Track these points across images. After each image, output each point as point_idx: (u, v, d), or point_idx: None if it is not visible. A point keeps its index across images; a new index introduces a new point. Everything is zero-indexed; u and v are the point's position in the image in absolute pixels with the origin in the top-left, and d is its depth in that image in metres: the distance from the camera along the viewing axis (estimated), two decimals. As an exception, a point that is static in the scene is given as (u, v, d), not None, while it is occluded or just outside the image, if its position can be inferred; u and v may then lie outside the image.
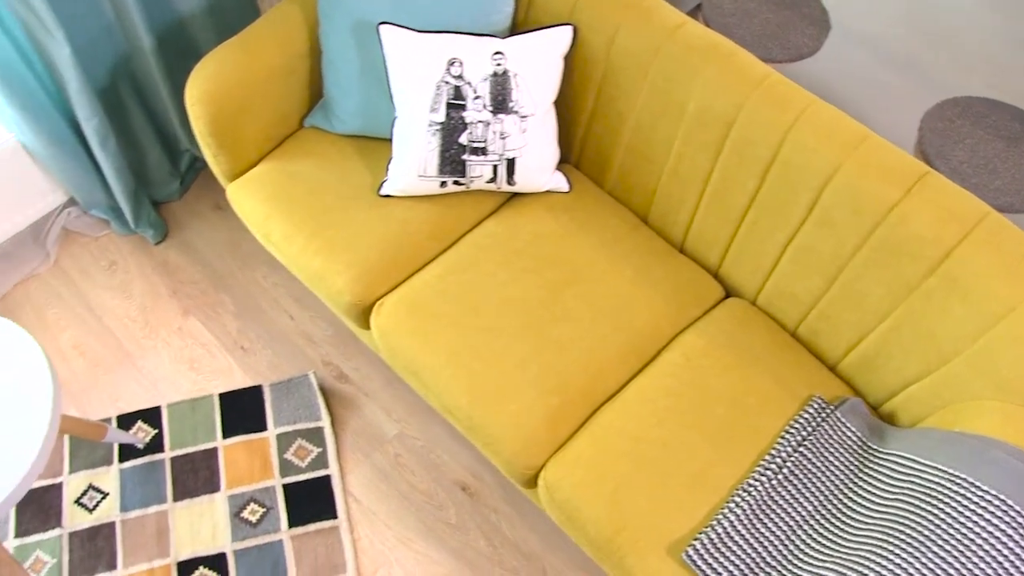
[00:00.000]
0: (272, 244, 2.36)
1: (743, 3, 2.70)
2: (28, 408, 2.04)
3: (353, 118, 2.40)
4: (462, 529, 2.47)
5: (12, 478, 1.98)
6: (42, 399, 2.05)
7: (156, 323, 2.84)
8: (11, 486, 1.96)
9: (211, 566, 2.46)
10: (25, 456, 1.98)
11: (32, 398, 2.05)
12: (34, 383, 2.06)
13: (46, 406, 2.04)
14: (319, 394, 2.68)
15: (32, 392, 2.05)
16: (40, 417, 2.02)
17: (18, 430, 2.01)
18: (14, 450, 1.98)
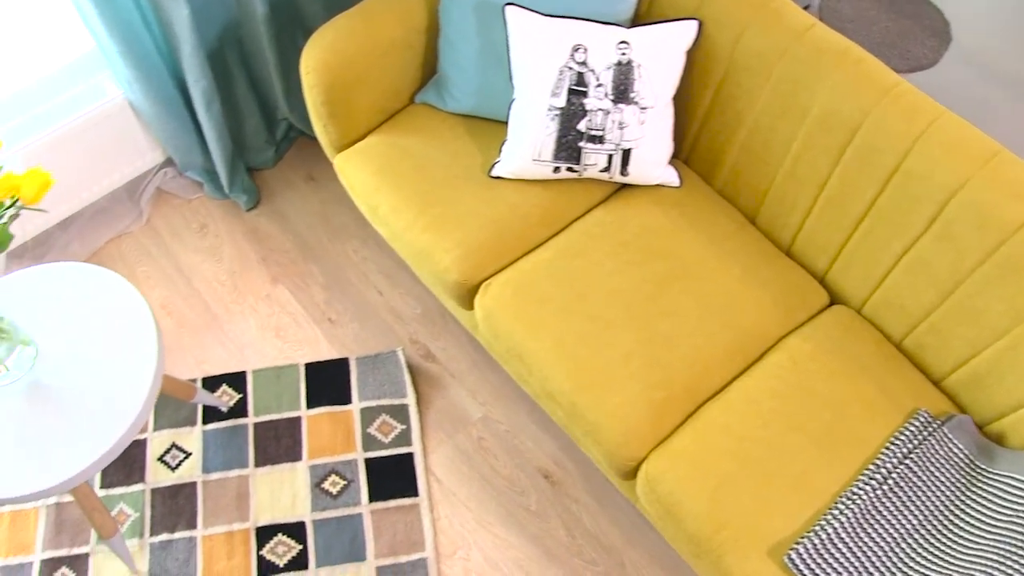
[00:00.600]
0: (378, 217, 2.38)
1: (863, 10, 2.70)
2: (133, 361, 2.07)
3: (467, 97, 2.41)
4: (542, 516, 2.48)
5: (117, 429, 2.01)
6: (147, 353, 2.08)
7: (244, 289, 2.87)
8: (115, 437, 2.00)
9: (290, 534, 2.48)
10: (130, 408, 2.01)
11: (137, 352, 2.08)
12: (140, 337, 2.09)
13: (151, 360, 2.07)
14: (406, 371, 2.70)
15: (138, 346, 2.08)
16: (145, 371, 2.05)
17: (124, 383, 2.04)
18: (119, 402, 2.01)
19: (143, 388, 2.05)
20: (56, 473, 1.96)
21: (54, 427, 2.00)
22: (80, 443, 1.98)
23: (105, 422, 2.01)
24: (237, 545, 2.49)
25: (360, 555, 2.45)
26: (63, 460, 1.97)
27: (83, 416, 2.01)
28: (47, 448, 1.98)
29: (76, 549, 2.50)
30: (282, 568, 2.45)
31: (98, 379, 2.05)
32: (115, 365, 2.07)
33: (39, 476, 1.95)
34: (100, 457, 1.98)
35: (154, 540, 2.51)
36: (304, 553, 2.46)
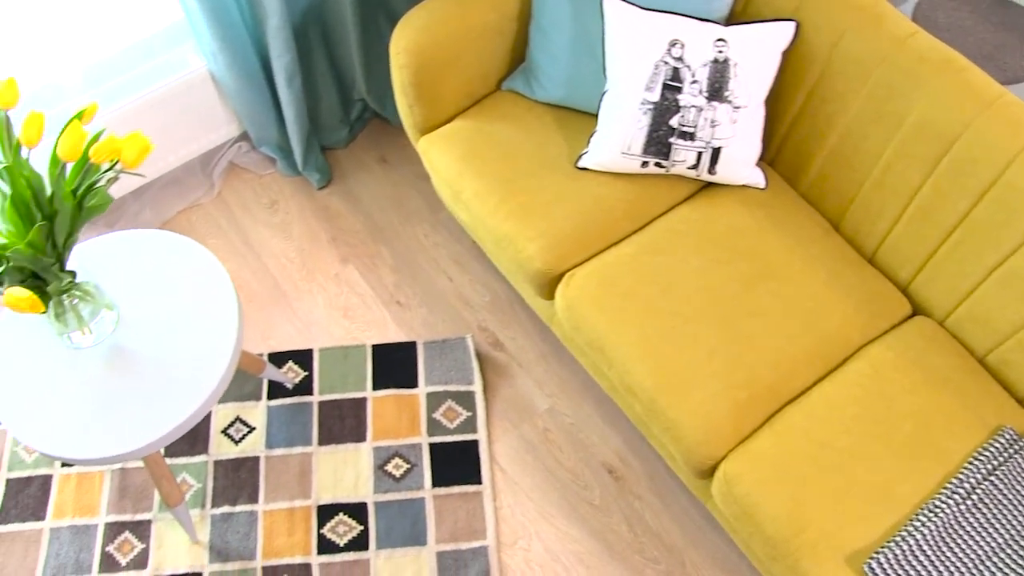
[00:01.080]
0: (460, 203, 2.39)
1: (959, 19, 2.68)
2: (214, 331, 2.09)
3: (557, 87, 2.42)
4: (605, 512, 2.48)
5: (196, 398, 2.03)
6: (228, 324, 2.10)
7: (313, 267, 2.89)
8: (194, 406, 2.02)
9: (351, 514, 2.50)
10: (210, 378, 2.02)
11: (218, 322, 2.10)
12: (220, 307, 2.11)
13: (232, 331, 2.09)
14: (474, 358, 2.71)
15: (218, 316, 2.10)
16: (225, 341, 2.07)
17: (204, 352, 2.06)
18: (200, 371, 2.03)
19: (224, 358, 2.07)
20: (133, 439, 1.98)
21: (133, 392, 2.02)
22: (159, 410, 2.00)
23: (184, 391, 2.02)
24: (298, 522, 2.50)
25: (421, 539, 2.46)
26: (141, 426, 1.99)
27: (162, 383, 2.03)
28: (126, 413, 2.00)
29: (139, 515, 2.53)
30: (342, 548, 2.46)
31: (179, 347, 2.07)
32: (196, 334, 2.09)
33: (117, 440, 1.97)
34: (178, 425, 2.00)
35: (215, 512, 2.53)
36: (364, 534, 2.48)
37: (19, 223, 1.86)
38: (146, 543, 2.50)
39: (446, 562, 2.42)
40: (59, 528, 2.53)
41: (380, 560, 2.44)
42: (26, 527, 2.54)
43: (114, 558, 2.48)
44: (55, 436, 2.00)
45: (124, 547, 2.49)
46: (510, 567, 2.41)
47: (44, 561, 2.48)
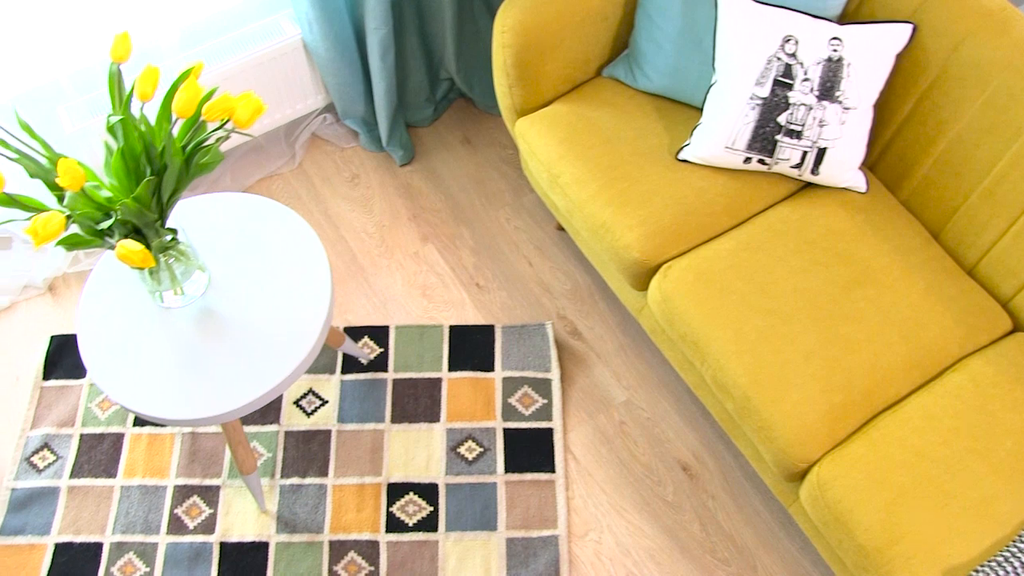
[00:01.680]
0: (558, 187, 2.37)
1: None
2: (306, 299, 2.08)
3: (660, 76, 2.39)
4: (678, 509, 2.46)
5: (286, 366, 2.02)
6: (320, 292, 2.08)
7: (393, 243, 2.87)
8: (283, 374, 2.01)
9: (421, 494, 2.48)
10: (301, 346, 2.02)
11: (311, 289, 2.09)
12: (313, 275, 2.11)
13: (324, 300, 2.07)
14: (553, 346, 2.69)
15: (311, 284, 2.09)
16: (318, 310, 2.06)
17: (295, 319, 2.05)
18: (290, 338, 2.02)
19: (315, 329, 2.06)
20: (220, 403, 1.97)
21: (221, 356, 2.02)
22: (246, 376, 1.99)
23: (273, 359, 2.01)
24: (367, 498, 2.49)
25: (491, 524, 2.44)
26: (228, 391, 1.98)
27: (251, 349, 2.02)
28: (213, 376, 1.99)
29: (207, 480, 2.52)
30: (411, 527, 2.45)
31: (269, 314, 2.06)
32: (287, 302, 2.08)
33: (203, 403, 1.97)
34: (266, 393, 1.99)
35: (284, 483, 2.52)
36: (435, 515, 2.46)
37: (124, 178, 1.86)
38: (214, 508, 2.49)
39: (515, 549, 2.41)
40: (129, 487, 2.53)
41: (449, 542, 2.42)
42: (98, 483, 2.54)
43: (182, 521, 2.47)
44: (142, 394, 2.00)
45: (192, 511, 2.49)
46: (580, 559, 2.39)
47: (114, 518, 2.48)
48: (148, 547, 2.46)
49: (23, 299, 2.89)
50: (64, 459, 2.60)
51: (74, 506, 2.53)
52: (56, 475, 2.58)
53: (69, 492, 2.55)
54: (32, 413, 2.69)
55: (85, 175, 1.68)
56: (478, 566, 2.39)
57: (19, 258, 2.91)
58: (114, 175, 1.88)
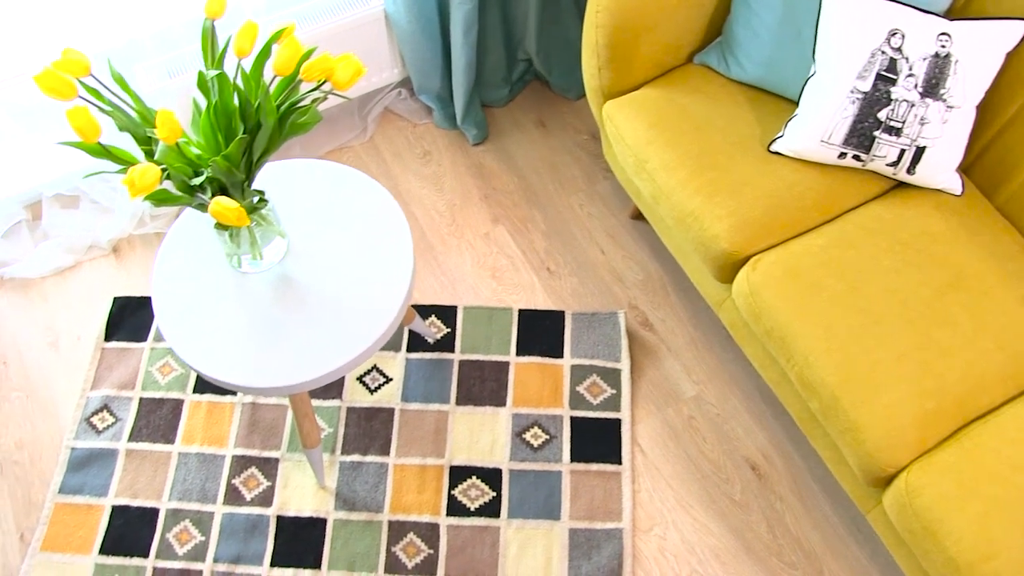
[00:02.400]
0: (645, 172, 2.31)
1: None
2: (386, 269, 2.04)
3: (755, 66, 2.33)
4: (745, 508, 2.40)
5: (365, 338, 1.98)
6: (402, 264, 2.04)
7: (463, 223, 2.83)
8: (363, 346, 1.97)
9: (484, 479, 2.44)
10: (381, 318, 1.98)
11: (392, 260, 2.05)
12: (394, 246, 2.07)
13: (406, 272, 2.03)
14: (625, 335, 2.63)
15: (392, 254, 2.05)
16: (399, 282, 2.02)
17: (375, 290, 2.01)
18: (370, 309, 1.98)
19: (395, 302, 2.02)
20: (295, 372, 1.93)
21: (298, 325, 1.98)
22: (323, 347, 1.95)
23: (352, 330, 1.97)
24: (429, 480, 2.45)
25: (554, 514, 2.39)
26: (303, 361, 1.94)
27: (329, 320, 1.98)
28: (289, 345, 1.96)
29: (266, 452, 2.48)
30: (472, 512, 2.40)
31: (348, 284, 2.02)
32: (367, 272, 2.04)
33: (278, 372, 1.93)
34: (343, 365, 1.95)
35: (345, 459, 2.48)
36: (497, 501, 2.41)
37: (211, 137, 1.82)
38: (272, 481, 2.46)
39: (578, 540, 2.36)
40: (187, 454, 2.50)
41: (511, 529, 2.38)
42: (156, 448, 2.51)
43: (239, 491, 2.44)
44: (216, 359, 1.96)
45: (250, 482, 2.45)
46: (643, 553, 2.34)
47: (171, 484, 2.45)
48: (204, 516, 2.43)
49: (87, 259, 2.86)
50: (123, 422, 2.57)
51: (132, 469, 2.50)
52: (115, 437, 2.55)
53: (127, 455, 2.52)
54: (93, 374, 2.66)
55: (181, 128, 1.64)
56: (539, 555, 2.34)
57: (85, 218, 2.88)
58: (201, 134, 1.84)
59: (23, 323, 2.76)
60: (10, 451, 2.57)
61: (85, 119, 1.58)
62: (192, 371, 2.64)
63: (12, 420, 2.61)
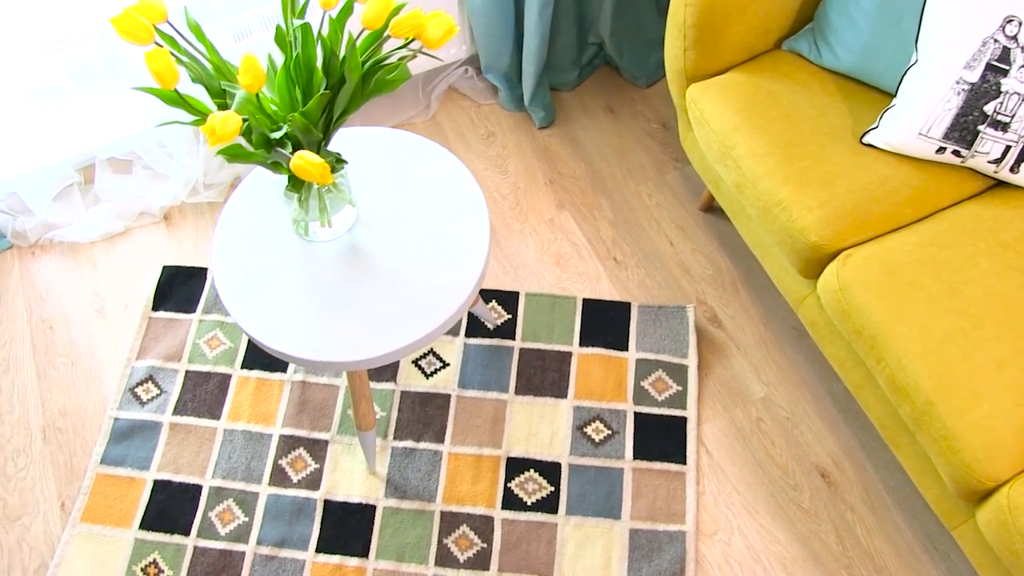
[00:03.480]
0: (731, 159, 2.17)
1: None
2: (459, 244, 1.91)
3: (849, 54, 2.19)
4: (814, 517, 2.26)
5: (436, 316, 1.86)
6: (477, 240, 1.91)
7: (527, 207, 2.69)
8: (432, 324, 1.85)
9: (542, 472, 2.30)
10: (453, 296, 1.85)
11: (466, 235, 1.92)
12: (469, 220, 1.94)
13: (481, 248, 1.90)
14: (693, 331, 2.49)
15: (466, 229, 1.92)
16: (473, 259, 1.89)
17: (447, 266, 1.88)
18: (441, 286, 1.85)
19: (470, 279, 1.89)
20: (361, 348, 1.80)
21: (366, 299, 1.85)
22: (391, 323, 1.82)
23: (422, 306, 1.85)
24: (484, 471, 2.31)
25: (615, 512, 2.26)
26: (370, 336, 1.81)
27: (398, 294, 1.85)
28: (355, 319, 1.83)
29: (315, 433, 2.36)
30: (529, 506, 2.27)
31: (420, 258, 1.89)
32: (440, 246, 1.91)
33: (343, 346, 1.80)
34: (411, 343, 1.82)
35: (397, 445, 2.35)
36: (555, 496, 2.28)
37: (286, 95, 1.69)
38: (320, 464, 2.33)
39: (639, 541, 2.22)
40: (233, 431, 2.37)
41: (569, 527, 2.24)
42: (201, 423, 2.38)
43: (286, 472, 2.31)
44: (276, 330, 1.84)
45: (297, 463, 2.33)
46: (707, 559, 2.19)
47: (215, 461, 2.33)
48: (248, 496, 2.30)
49: (138, 226, 2.75)
50: (168, 394, 2.45)
51: (175, 444, 2.37)
52: (159, 410, 2.42)
53: (171, 429, 2.40)
54: (139, 343, 2.54)
55: (264, 76, 1.51)
56: (598, 555, 2.20)
57: (138, 183, 2.76)
58: (277, 91, 1.72)
59: (71, 288, 2.65)
60: (54, 418, 2.45)
61: (164, 63, 1.45)
62: (242, 346, 2.52)
63: (57, 386, 2.49)
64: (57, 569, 2.24)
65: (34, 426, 2.44)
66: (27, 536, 2.30)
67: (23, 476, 2.37)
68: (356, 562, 2.22)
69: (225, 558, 2.24)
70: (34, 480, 2.37)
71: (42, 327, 2.59)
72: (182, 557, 2.25)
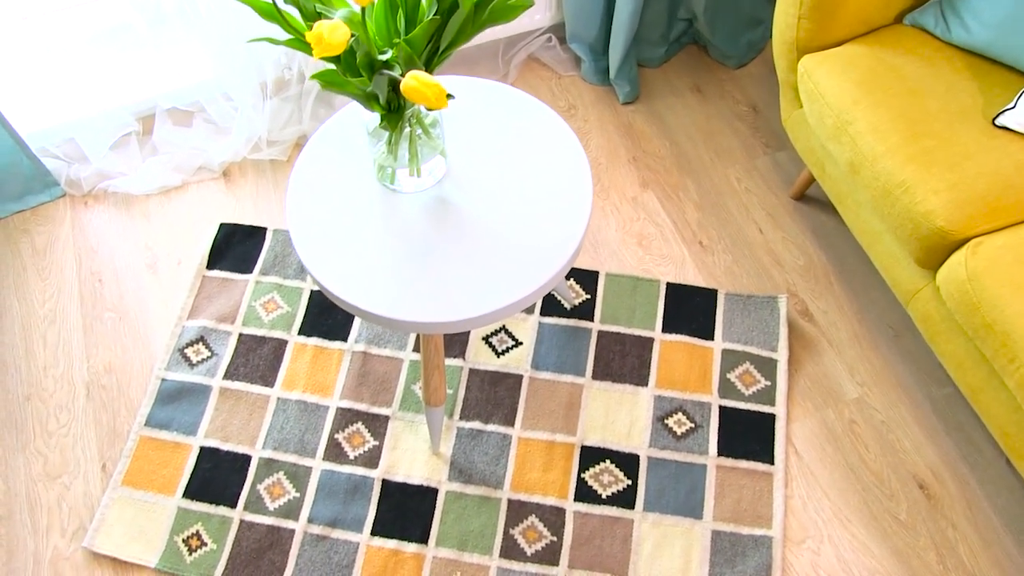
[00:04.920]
0: (847, 135, 1.94)
1: None
2: (558, 207, 1.68)
3: (983, 28, 1.96)
4: (912, 531, 2.01)
5: (530, 281, 1.64)
6: (578, 202, 1.69)
7: (609, 184, 2.46)
8: (526, 290, 1.63)
9: (619, 464, 2.07)
10: (551, 261, 1.63)
11: (564, 198, 1.69)
12: (568, 181, 1.71)
13: (583, 211, 1.67)
14: (784, 323, 2.25)
15: (565, 191, 1.70)
16: (573, 221, 1.67)
17: (544, 228, 1.66)
18: (538, 248, 1.63)
19: (570, 240, 1.66)
20: (445, 308, 1.59)
21: (454, 258, 1.64)
22: (476, 285, 1.60)
23: (517, 268, 1.64)
24: (557, 459, 2.08)
25: (696, 512, 2.02)
26: (456, 296, 1.59)
27: (491, 253, 1.64)
28: (439, 278, 1.61)
29: (375, 408, 2.13)
30: (604, 500, 2.04)
31: (515, 216, 1.68)
32: (538, 204, 1.70)
33: (425, 306, 1.59)
34: (497, 308, 1.61)
35: (463, 425, 2.12)
36: (632, 490, 2.05)
37: (384, 24, 1.47)
38: (379, 441, 2.10)
39: (722, 544, 1.98)
40: (287, 400, 2.15)
41: (646, 524, 2.00)
42: (253, 389, 2.16)
43: (342, 448, 2.08)
44: (352, 282, 1.62)
45: (354, 439, 2.10)
46: (794, 568, 1.96)
47: (267, 431, 2.11)
48: (300, 470, 2.07)
49: (195, 181, 2.53)
50: (219, 357, 2.22)
51: (225, 410, 2.15)
52: (209, 373, 2.20)
53: (221, 393, 2.17)
54: (191, 302, 2.32)
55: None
56: (676, 556, 1.96)
57: (198, 137, 2.54)
58: (375, 18, 1.50)
59: (122, 241, 2.43)
60: (98, 374, 2.23)
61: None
62: (301, 310, 2.31)
63: (103, 342, 2.27)
64: (96, 532, 2.03)
65: (78, 382, 2.23)
66: (67, 496, 2.08)
67: (64, 433, 2.16)
68: (414, 548, 1.99)
69: (273, 535, 2.01)
70: (75, 438, 2.15)
71: (91, 279, 2.38)
72: (227, 530, 2.02)
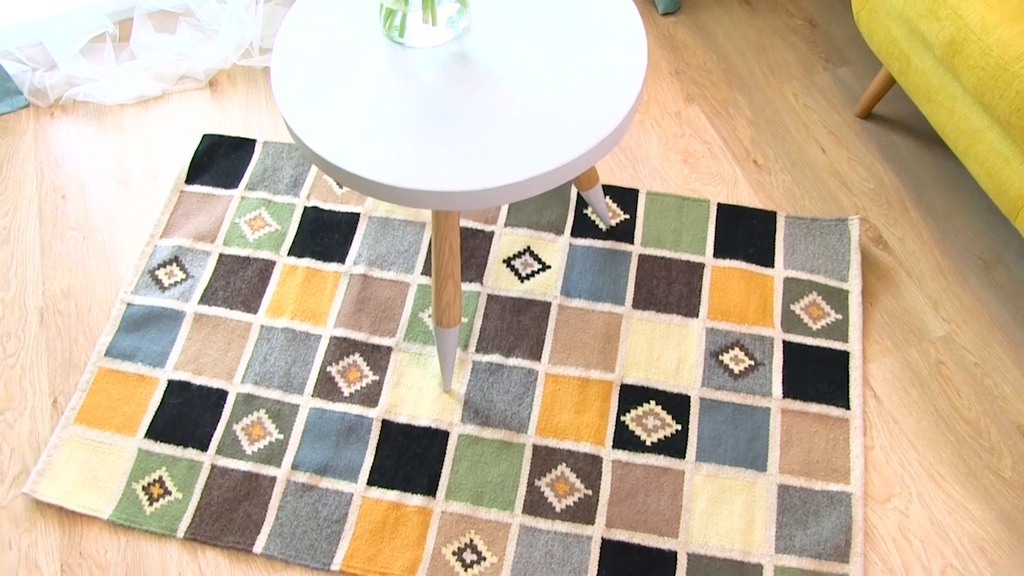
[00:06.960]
0: (948, 6, 1.49)
1: None
2: (602, 70, 1.25)
3: None
4: (1017, 489, 1.56)
5: (567, 151, 1.19)
6: (631, 66, 1.27)
7: (648, 97, 2.02)
8: (563, 158, 1.17)
9: (666, 406, 1.60)
10: (592, 129, 1.21)
11: (610, 62, 1.27)
12: (619, 39, 1.28)
13: (636, 79, 1.25)
14: (857, 249, 1.78)
15: (610, 53, 1.27)
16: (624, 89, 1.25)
17: (584, 94, 1.24)
18: (578, 118, 1.20)
19: (621, 105, 1.23)
20: (458, 176, 1.11)
21: (476, 120, 1.23)
22: (501, 153, 1.17)
23: (546, 138, 1.23)
24: (592, 399, 1.61)
25: (759, 463, 1.55)
26: (472, 165, 1.14)
27: (515, 119, 1.23)
28: (459, 142, 1.18)
29: (376, 337, 1.66)
30: (648, 447, 1.57)
31: (550, 75, 1.27)
32: (576, 63, 1.30)
33: (435, 173, 1.12)
34: (526, 178, 1.16)
35: (480, 359, 1.65)
36: (682, 436, 1.58)
37: None
38: (380, 376, 1.63)
39: (791, 501, 1.51)
40: (272, 328, 1.68)
41: (699, 476, 1.53)
42: (232, 315, 1.70)
43: (335, 383, 1.62)
44: (349, 147, 1.16)
45: (350, 373, 1.63)
46: (878, 531, 1.49)
47: (247, 363, 1.64)
48: (285, 408, 1.61)
49: (178, 90, 2.07)
50: (196, 279, 1.76)
51: (199, 339, 1.68)
52: (183, 297, 1.73)
53: (195, 320, 1.70)
54: (165, 219, 1.86)
55: None
56: (736, 515, 1.49)
57: (183, 43, 2.08)
58: None
59: (92, 155, 1.98)
60: (54, 298, 1.77)
61: None
62: (292, 229, 1.87)
63: (61, 263, 1.81)
64: (40, 477, 1.56)
65: (30, 307, 1.76)
66: (9, 435, 1.62)
67: (12, 364, 1.70)
68: (419, 500, 1.53)
69: (250, 482, 1.55)
70: (24, 370, 1.69)
71: (53, 195, 1.92)
72: (195, 477, 1.55)
